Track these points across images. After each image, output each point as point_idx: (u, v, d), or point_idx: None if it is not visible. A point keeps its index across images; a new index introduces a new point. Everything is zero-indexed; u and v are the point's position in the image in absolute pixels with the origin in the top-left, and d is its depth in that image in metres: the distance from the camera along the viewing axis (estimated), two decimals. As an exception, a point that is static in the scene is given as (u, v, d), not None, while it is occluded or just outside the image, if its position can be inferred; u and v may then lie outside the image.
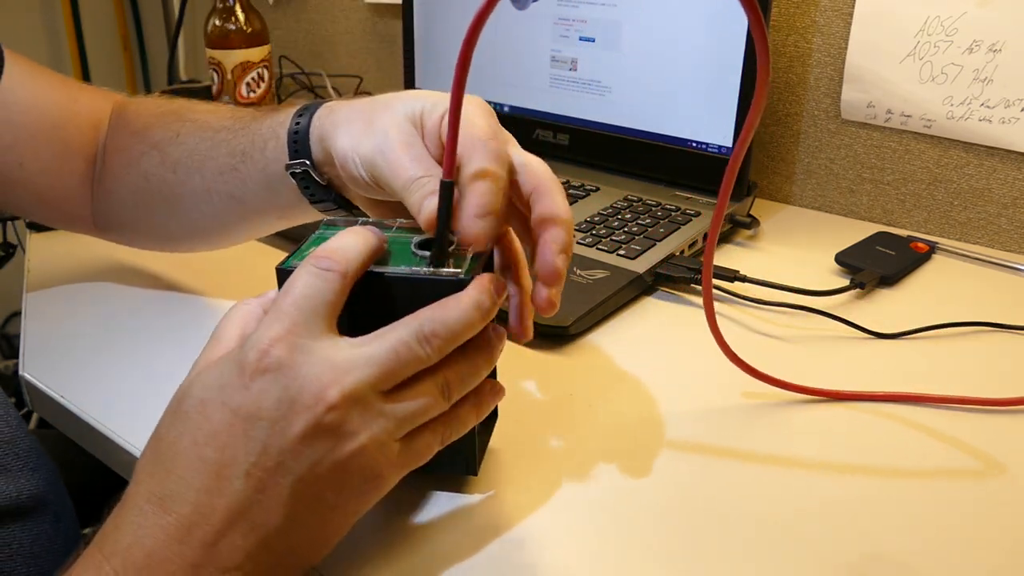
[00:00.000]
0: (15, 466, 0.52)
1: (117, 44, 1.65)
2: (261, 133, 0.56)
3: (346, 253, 0.39)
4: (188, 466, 0.36)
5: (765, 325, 0.65)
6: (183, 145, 0.60)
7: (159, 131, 0.61)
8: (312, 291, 0.37)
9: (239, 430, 0.36)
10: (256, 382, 0.36)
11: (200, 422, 0.36)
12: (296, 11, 1.30)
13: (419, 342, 0.38)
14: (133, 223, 0.65)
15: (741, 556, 0.43)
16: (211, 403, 0.37)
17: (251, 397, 0.36)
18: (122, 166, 0.62)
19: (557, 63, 0.91)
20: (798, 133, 0.88)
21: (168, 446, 0.37)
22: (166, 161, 0.60)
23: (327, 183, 0.53)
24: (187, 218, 0.62)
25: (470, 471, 0.46)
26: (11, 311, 1.64)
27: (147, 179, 0.61)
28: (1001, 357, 0.61)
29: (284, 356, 0.36)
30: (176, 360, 0.61)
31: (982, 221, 0.80)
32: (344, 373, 0.36)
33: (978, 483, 0.48)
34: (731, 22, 0.77)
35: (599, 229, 0.76)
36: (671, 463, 0.50)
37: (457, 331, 0.38)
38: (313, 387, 0.36)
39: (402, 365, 0.37)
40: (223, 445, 0.36)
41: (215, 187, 0.58)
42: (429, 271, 0.40)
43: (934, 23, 0.76)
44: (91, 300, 0.68)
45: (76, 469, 0.84)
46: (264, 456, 0.36)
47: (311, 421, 0.36)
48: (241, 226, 0.62)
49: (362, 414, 0.37)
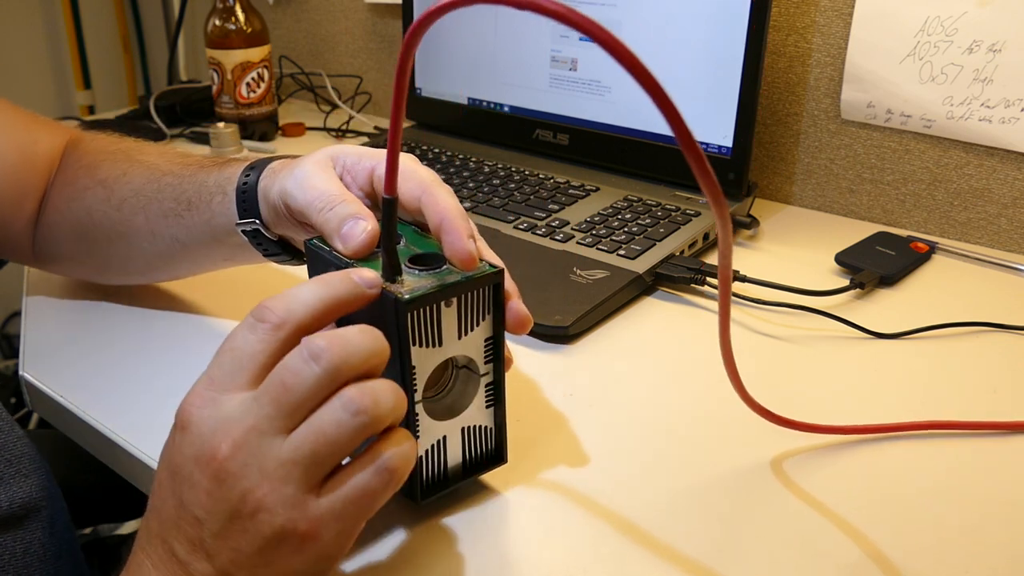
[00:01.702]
0: (7, 473, 0.51)
1: (117, 44, 1.65)
2: (207, 186, 0.57)
3: (289, 305, 0.37)
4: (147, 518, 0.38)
5: (765, 325, 0.65)
6: (129, 184, 0.61)
7: (107, 168, 0.62)
8: (239, 343, 0.37)
9: (168, 484, 0.37)
10: (177, 436, 0.37)
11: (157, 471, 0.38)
12: (296, 11, 1.30)
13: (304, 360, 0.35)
14: (73, 255, 0.66)
15: (741, 556, 0.43)
16: (162, 455, 0.38)
17: (175, 451, 0.37)
18: (67, 200, 0.63)
19: (557, 63, 0.91)
20: (798, 133, 0.88)
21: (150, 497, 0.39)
22: (111, 198, 0.61)
23: (278, 238, 0.54)
24: (128, 255, 0.63)
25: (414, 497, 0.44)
26: (11, 311, 1.64)
27: (90, 214, 0.62)
28: (1001, 357, 0.61)
29: (194, 412, 0.36)
30: (175, 360, 0.61)
31: (982, 221, 0.80)
32: (236, 422, 0.35)
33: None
34: (731, 22, 0.77)
35: (599, 229, 0.76)
36: (671, 463, 0.50)
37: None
38: (210, 442, 0.35)
39: (289, 391, 0.35)
40: (163, 498, 0.37)
41: (158, 229, 0.59)
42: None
43: (934, 23, 0.76)
44: (91, 300, 0.68)
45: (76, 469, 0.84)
46: (184, 511, 0.36)
47: (209, 476, 0.35)
48: (183, 265, 0.63)
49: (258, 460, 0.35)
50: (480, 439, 0.45)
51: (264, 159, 0.55)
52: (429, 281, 0.40)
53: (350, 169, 0.49)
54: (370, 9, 1.20)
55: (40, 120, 0.68)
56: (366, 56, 1.23)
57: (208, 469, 0.35)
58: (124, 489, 0.61)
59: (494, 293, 0.42)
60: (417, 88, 1.05)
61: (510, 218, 0.79)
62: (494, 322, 0.43)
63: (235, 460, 0.35)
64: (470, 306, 0.41)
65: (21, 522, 0.51)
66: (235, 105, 1.08)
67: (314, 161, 0.49)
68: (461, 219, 0.43)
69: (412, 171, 0.46)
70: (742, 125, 0.80)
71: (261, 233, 0.54)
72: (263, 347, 0.36)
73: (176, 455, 0.36)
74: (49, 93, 1.60)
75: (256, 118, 1.10)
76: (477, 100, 0.99)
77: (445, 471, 0.44)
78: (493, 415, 0.45)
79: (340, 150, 0.50)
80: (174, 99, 1.17)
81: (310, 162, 0.49)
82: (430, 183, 0.45)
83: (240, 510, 0.35)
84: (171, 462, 0.37)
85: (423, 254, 0.42)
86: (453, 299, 0.41)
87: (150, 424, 0.54)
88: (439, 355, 0.41)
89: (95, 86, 1.62)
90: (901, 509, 0.46)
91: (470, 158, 0.94)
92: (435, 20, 0.31)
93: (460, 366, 0.44)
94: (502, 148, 0.97)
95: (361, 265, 0.42)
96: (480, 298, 0.42)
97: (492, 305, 0.42)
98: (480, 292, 0.42)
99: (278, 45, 1.32)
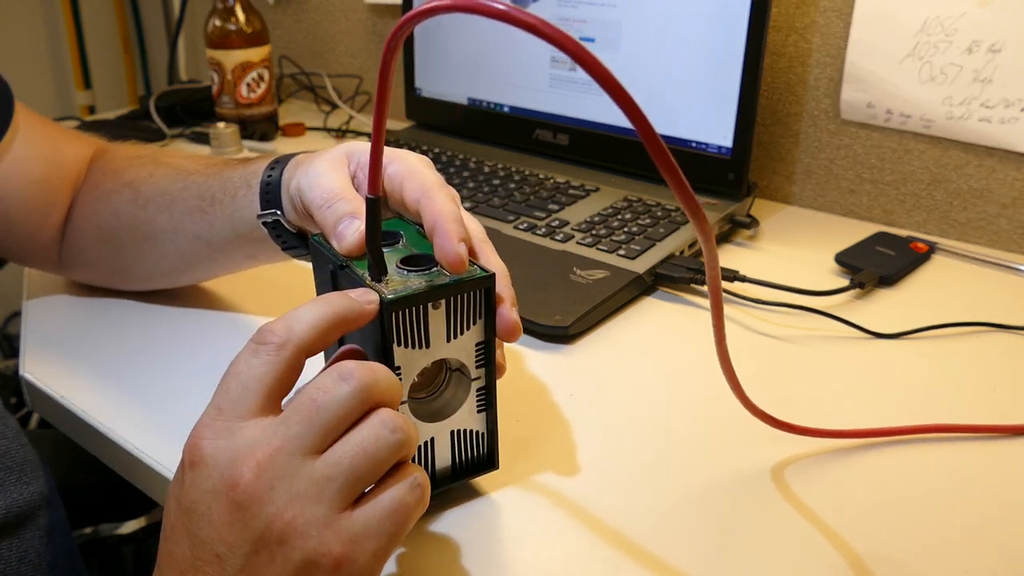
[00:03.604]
0: (8, 480, 0.51)
1: (117, 44, 1.65)
2: (233, 180, 0.57)
3: (290, 325, 0.36)
4: (159, 563, 0.36)
5: (765, 325, 0.65)
6: (156, 185, 0.61)
7: (134, 171, 0.63)
8: (243, 368, 0.36)
9: (180, 526, 0.35)
10: (188, 474, 0.35)
11: (165, 516, 0.36)
12: (296, 11, 1.30)
13: (334, 380, 0.35)
14: (98, 261, 0.66)
15: (740, 558, 0.43)
16: (169, 498, 0.36)
17: (187, 490, 0.35)
18: (93, 202, 0.64)
19: (557, 63, 0.91)
20: (798, 133, 0.88)
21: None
22: (137, 198, 0.61)
23: (298, 231, 0.54)
24: (153, 256, 0.63)
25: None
26: (11, 311, 1.64)
27: (117, 216, 0.62)
28: (1001, 357, 0.61)
29: (207, 445, 0.35)
30: (176, 360, 0.61)
31: (982, 221, 0.80)
32: (260, 445, 0.34)
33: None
34: (731, 22, 0.77)
35: (599, 229, 0.76)
36: (671, 464, 0.50)
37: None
38: (230, 470, 0.34)
39: (321, 409, 0.35)
40: (176, 541, 0.35)
41: (182, 226, 0.60)
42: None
43: (934, 23, 0.76)
44: (91, 300, 0.68)
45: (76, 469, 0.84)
46: (201, 549, 0.34)
47: (229, 505, 0.34)
48: (205, 265, 0.63)
49: (287, 482, 0.34)
50: (470, 443, 0.45)
51: (290, 155, 0.55)
52: (416, 282, 0.40)
53: (364, 167, 0.49)
54: (370, 9, 1.20)
55: (66, 132, 0.68)
56: (366, 56, 1.23)
57: (227, 499, 0.33)
58: (124, 489, 0.61)
59: (485, 298, 0.42)
60: (417, 88, 1.05)
61: (510, 218, 0.79)
62: (486, 327, 0.42)
63: (260, 483, 0.33)
64: (460, 309, 0.41)
65: (16, 530, 0.51)
66: (235, 105, 1.08)
67: (328, 159, 0.50)
68: (454, 223, 0.42)
69: (417, 172, 0.46)
70: (742, 125, 0.80)
71: (281, 224, 0.54)
72: (267, 368, 0.36)
73: (190, 492, 0.34)
74: (49, 93, 1.60)
75: (256, 118, 1.10)
76: (477, 100, 0.99)
77: (433, 473, 0.44)
78: (485, 420, 0.45)
79: (355, 147, 0.51)
80: (174, 99, 1.17)
81: (324, 159, 0.50)
82: (431, 186, 0.45)
83: (266, 538, 0.33)
84: (182, 501, 0.35)
85: (416, 255, 0.42)
86: (441, 301, 0.40)
87: (150, 424, 0.54)
88: (426, 357, 0.41)
89: (95, 86, 1.62)
90: (901, 511, 0.46)
91: (470, 158, 0.94)
92: (410, 29, 0.32)
93: (453, 369, 0.44)
94: (502, 148, 0.97)
95: (355, 263, 0.42)
96: (471, 302, 0.42)
97: (484, 310, 0.42)
98: (471, 296, 0.41)
99: (278, 45, 1.32)
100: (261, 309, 0.67)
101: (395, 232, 0.45)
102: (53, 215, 0.65)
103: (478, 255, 0.44)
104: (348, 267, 0.42)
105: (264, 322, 0.37)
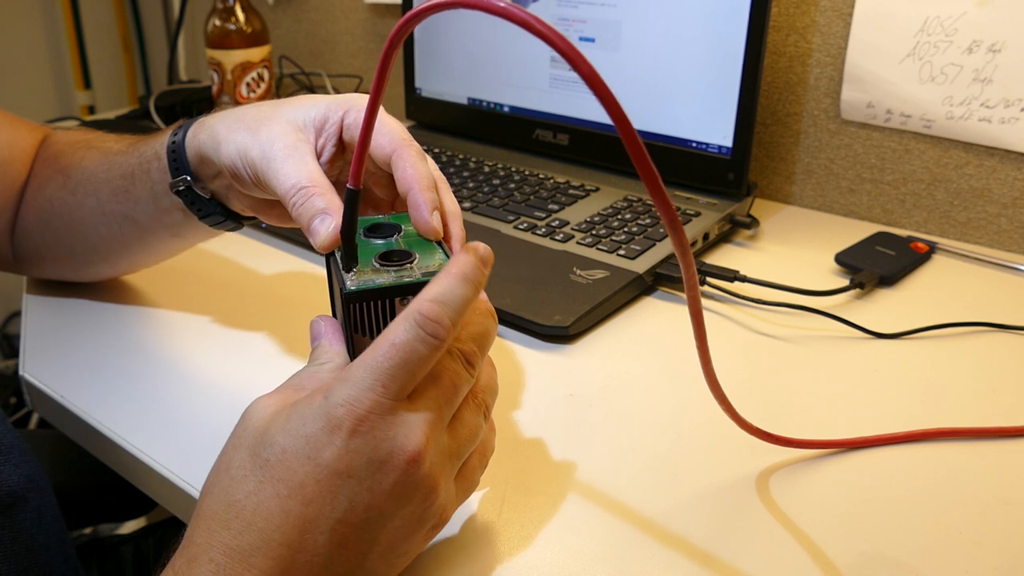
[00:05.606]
0: None
1: (117, 44, 1.65)
2: (146, 154, 0.56)
3: (452, 317, 0.37)
4: (270, 519, 0.35)
5: (765, 325, 0.65)
6: (84, 169, 0.61)
7: (68, 157, 0.63)
8: (413, 357, 0.36)
9: (326, 486, 0.35)
10: (348, 442, 0.35)
11: (283, 473, 0.35)
12: (296, 11, 1.30)
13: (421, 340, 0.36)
14: (42, 252, 0.65)
15: (741, 558, 0.43)
16: (295, 455, 0.35)
17: (341, 455, 0.35)
18: (32, 192, 0.64)
19: (557, 63, 0.91)
20: (798, 133, 0.88)
21: (247, 496, 0.36)
22: (68, 184, 0.61)
23: (211, 196, 0.53)
24: (87, 241, 0.62)
25: None
26: (11, 311, 1.64)
27: (51, 203, 0.62)
28: (1001, 357, 0.61)
29: (377, 420, 0.35)
30: (176, 360, 0.61)
31: (982, 221, 0.80)
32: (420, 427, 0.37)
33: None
34: (731, 22, 0.78)
35: (599, 229, 0.76)
36: (672, 464, 0.50)
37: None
38: (403, 449, 0.36)
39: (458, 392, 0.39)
40: (308, 500, 0.35)
41: (109, 208, 0.59)
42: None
43: (934, 23, 0.76)
44: (91, 300, 0.68)
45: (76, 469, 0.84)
46: (350, 513, 0.36)
47: (400, 480, 0.36)
48: (138, 247, 0.62)
49: (440, 462, 0.38)
50: None
51: (191, 120, 0.54)
52: (384, 276, 0.40)
53: (329, 133, 0.49)
54: (370, 9, 1.20)
55: (12, 119, 0.67)
56: (366, 56, 1.23)
57: (400, 473, 0.36)
58: (124, 489, 0.61)
59: None
60: (417, 88, 1.05)
61: (510, 218, 0.79)
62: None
63: (426, 463, 0.37)
64: None
65: (9, 510, 0.51)
66: (235, 105, 1.08)
67: (282, 135, 0.48)
68: (427, 191, 0.44)
69: (381, 123, 0.46)
70: (742, 125, 0.80)
71: (193, 191, 0.53)
72: (431, 360, 0.37)
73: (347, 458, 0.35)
74: (49, 93, 1.60)
75: (256, 118, 1.10)
76: (477, 100, 0.99)
77: None
78: None
79: (312, 115, 0.49)
80: (174, 99, 1.17)
81: (279, 137, 0.47)
82: (400, 142, 0.45)
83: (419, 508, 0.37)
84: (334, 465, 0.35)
85: (400, 250, 0.43)
86: (409, 297, 0.40)
87: (150, 424, 0.54)
88: None
89: (95, 86, 1.62)
90: (902, 511, 0.46)
91: (470, 158, 0.94)
92: (412, 28, 0.33)
93: None
94: (502, 148, 0.97)
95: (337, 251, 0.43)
96: None
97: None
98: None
99: (278, 45, 1.32)
100: (261, 309, 0.67)
101: (395, 226, 0.45)
102: (3, 213, 0.64)
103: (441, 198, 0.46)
104: (333, 254, 0.43)
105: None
